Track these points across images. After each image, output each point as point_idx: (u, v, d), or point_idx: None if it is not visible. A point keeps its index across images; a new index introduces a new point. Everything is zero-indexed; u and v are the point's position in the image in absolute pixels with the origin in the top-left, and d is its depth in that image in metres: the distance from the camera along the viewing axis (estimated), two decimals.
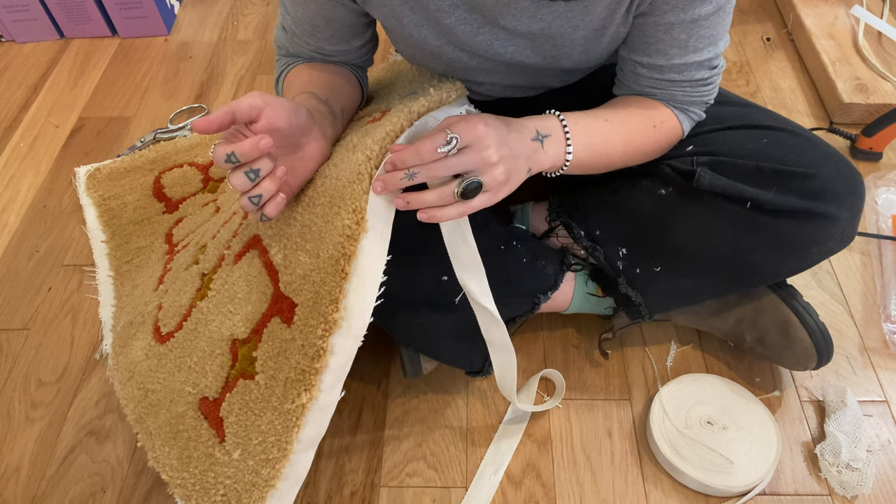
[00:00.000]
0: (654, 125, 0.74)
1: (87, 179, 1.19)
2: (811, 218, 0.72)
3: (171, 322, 0.83)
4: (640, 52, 0.71)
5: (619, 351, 0.94)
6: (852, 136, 1.16)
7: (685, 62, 0.70)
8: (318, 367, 0.63)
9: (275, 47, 0.85)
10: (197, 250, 0.90)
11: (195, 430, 0.73)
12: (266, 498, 0.66)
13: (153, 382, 0.80)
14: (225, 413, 0.71)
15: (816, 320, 0.82)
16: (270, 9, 1.61)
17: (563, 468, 0.83)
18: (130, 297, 0.97)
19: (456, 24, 0.70)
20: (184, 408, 0.75)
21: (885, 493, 0.80)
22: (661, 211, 0.79)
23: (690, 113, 0.76)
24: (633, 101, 0.75)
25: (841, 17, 1.36)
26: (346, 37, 0.79)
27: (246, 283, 0.75)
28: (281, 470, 0.66)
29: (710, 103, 0.76)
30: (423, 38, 0.74)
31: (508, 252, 0.82)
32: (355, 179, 0.63)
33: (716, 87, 0.75)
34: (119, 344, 0.90)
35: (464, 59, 0.76)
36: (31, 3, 1.47)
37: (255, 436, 0.68)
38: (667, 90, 0.73)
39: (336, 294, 0.62)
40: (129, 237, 1.09)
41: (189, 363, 0.77)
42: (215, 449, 0.71)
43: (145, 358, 0.83)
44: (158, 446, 0.76)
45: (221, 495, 0.69)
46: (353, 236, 0.62)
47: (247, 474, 0.68)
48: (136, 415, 0.81)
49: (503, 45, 0.72)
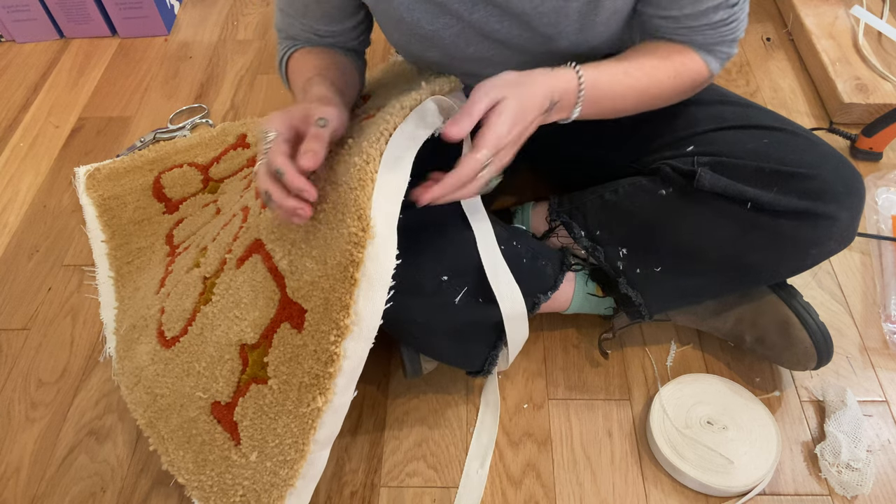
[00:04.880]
0: (676, 71, 0.74)
1: (87, 179, 1.19)
2: (811, 218, 0.72)
3: (175, 326, 0.83)
4: (653, 6, 0.71)
5: (619, 351, 0.94)
6: (852, 136, 1.16)
7: (700, 9, 0.69)
8: (331, 372, 0.64)
9: (276, 31, 0.86)
10: (198, 253, 0.90)
11: (209, 433, 0.74)
12: (285, 497, 0.67)
13: (161, 387, 0.81)
14: (239, 417, 0.72)
15: (816, 320, 0.82)
16: (270, 9, 1.61)
17: (563, 468, 0.83)
18: (132, 300, 0.98)
19: (450, 2, 0.71)
20: (196, 412, 0.76)
21: (885, 493, 0.80)
22: (661, 211, 0.79)
23: (718, 52, 0.75)
24: (658, 48, 0.74)
25: (841, 17, 1.36)
26: (338, 17, 0.80)
27: (251, 289, 0.75)
28: (299, 470, 0.67)
29: (738, 38, 0.75)
30: (415, 21, 0.73)
31: (508, 252, 0.82)
32: (357, 185, 0.63)
33: (741, 21, 0.73)
34: (123, 348, 0.90)
35: (460, 45, 0.76)
36: (31, 3, 1.47)
37: (272, 438, 0.69)
38: (687, 36, 0.73)
39: (346, 300, 0.63)
40: (129, 237, 1.09)
41: (198, 368, 0.77)
42: (231, 452, 0.72)
43: (151, 363, 0.83)
44: (172, 450, 0.77)
45: (241, 496, 0.70)
46: (360, 243, 0.62)
47: (265, 475, 0.68)
48: (146, 419, 0.81)
49: (498, 21, 0.72)
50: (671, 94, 0.76)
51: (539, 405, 0.89)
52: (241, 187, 1.07)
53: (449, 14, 0.73)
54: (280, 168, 0.62)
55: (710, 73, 0.76)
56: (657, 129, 0.83)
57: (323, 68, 0.79)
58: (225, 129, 1.27)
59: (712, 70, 0.76)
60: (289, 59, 0.84)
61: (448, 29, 0.74)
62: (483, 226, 0.76)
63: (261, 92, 1.38)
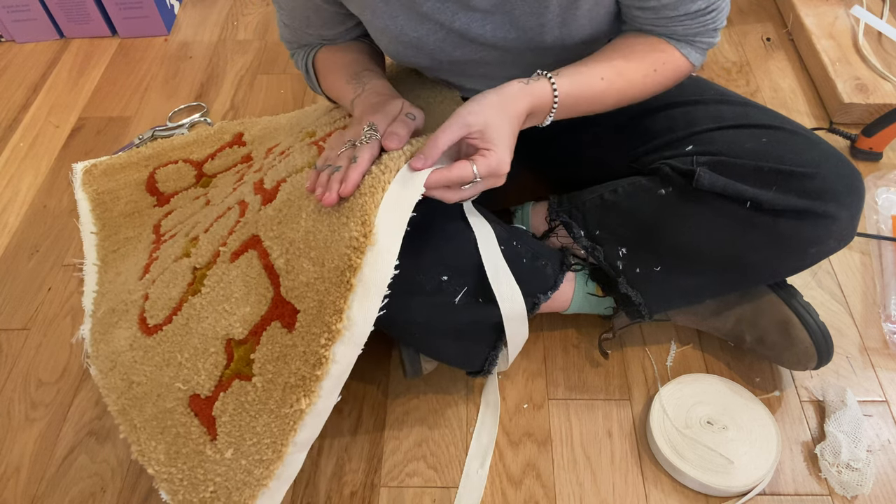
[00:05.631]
0: (654, 69, 0.74)
1: (83, 175, 1.19)
2: (811, 217, 0.72)
3: (159, 314, 0.82)
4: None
5: (619, 351, 0.94)
6: (852, 136, 1.16)
7: (676, 0, 0.69)
8: (318, 375, 0.63)
9: (284, 43, 0.89)
10: (188, 242, 0.89)
11: (184, 426, 0.73)
12: (257, 496, 0.66)
13: (138, 374, 0.80)
14: (218, 412, 0.71)
15: (817, 320, 0.82)
16: (270, 9, 1.61)
17: (563, 468, 0.83)
18: (113, 284, 0.97)
19: (431, 12, 0.72)
20: (172, 403, 0.75)
21: (885, 493, 0.80)
22: (660, 211, 0.79)
23: (698, 43, 0.75)
24: (635, 44, 0.74)
25: (841, 17, 1.36)
26: (339, 21, 0.83)
27: (244, 284, 0.74)
28: (274, 471, 0.66)
29: (719, 28, 0.74)
30: (399, 29, 0.75)
31: (508, 252, 0.82)
32: (367, 192, 0.63)
33: (720, 10, 0.73)
34: (99, 331, 0.89)
35: (446, 49, 0.76)
36: (31, 3, 1.47)
37: (250, 437, 0.68)
38: (666, 27, 0.73)
39: (340, 305, 0.63)
40: (118, 228, 1.09)
41: (179, 359, 0.77)
42: (206, 446, 0.71)
43: (130, 349, 0.82)
44: (144, 440, 0.76)
45: (211, 492, 0.69)
46: (359, 248, 0.62)
47: (239, 473, 0.68)
48: (118, 406, 0.80)
49: (480, 25, 0.73)
50: (651, 91, 0.76)
51: (539, 405, 0.89)
52: (234, 181, 1.07)
53: (431, 21, 0.74)
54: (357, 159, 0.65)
55: (692, 66, 0.76)
56: (656, 129, 0.83)
57: (357, 61, 0.83)
58: (222, 127, 1.27)
59: (693, 62, 0.76)
60: (314, 62, 0.87)
61: (432, 35, 0.75)
62: (483, 226, 0.77)
63: (260, 92, 1.39)
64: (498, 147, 0.64)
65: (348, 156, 0.67)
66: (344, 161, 0.67)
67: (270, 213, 0.76)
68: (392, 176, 0.64)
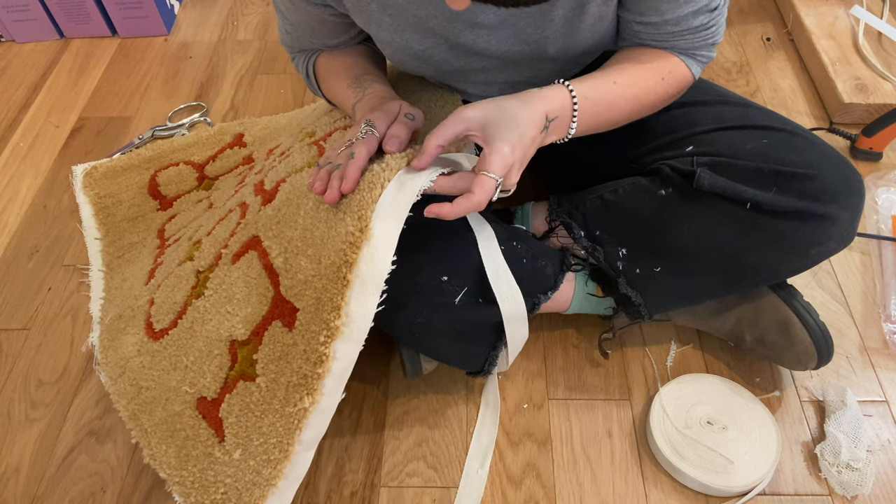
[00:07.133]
0: (662, 77, 0.74)
1: (84, 178, 1.19)
2: (811, 218, 0.72)
3: (164, 319, 0.83)
4: (633, 12, 0.71)
5: (619, 351, 0.94)
6: (852, 136, 1.16)
7: (679, 15, 0.69)
8: (320, 372, 0.63)
9: (284, 48, 0.89)
10: (191, 246, 0.89)
11: (193, 429, 0.74)
12: (267, 496, 0.67)
13: (146, 380, 0.80)
14: (224, 414, 0.72)
15: (817, 320, 0.82)
16: (270, 9, 1.61)
17: (563, 468, 0.83)
18: (119, 290, 0.97)
19: (438, 28, 0.73)
20: (181, 407, 0.75)
21: (885, 493, 0.80)
22: (661, 211, 0.79)
23: (699, 57, 0.76)
24: (640, 55, 0.74)
25: (841, 17, 1.36)
26: (343, 31, 0.83)
27: (245, 285, 0.75)
28: (282, 470, 0.66)
29: (717, 43, 0.75)
30: (405, 43, 0.75)
31: (508, 252, 0.82)
32: (366, 188, 0.64)
33: (720, 26, 0.74)
34: (108, 337, 0.89)
35: (450, 60, 0.77)
36: (31, 3, 1.47)
37: (257, 437, 0.68)
38: (668, 41, 0.73)
39: (338, 301, 0.63)
40: (122, 234, 1.09)
41: (185, 362, 0.77)
42: (215, 448, 0.71)
43: (137, 354, 0.83)
44: (155, 444, 0.76)
45: (222, 493, 0.69)
46: (355, 244, 0.62)
47: (248, 474, 0.68)
48: (129, 411, 0.80)
49: (486, 39, 0.73)
50: (661, 100, 0.76)
51: (539, 405, 0.89)
52: (235, 183, 1.07)
53: (437, 35, 0.74)
54: (354, 155, 0.66)
55: (693, 77, 0.77)
56: (657, 130, 0.83)
57: (358, 65, 0.83)
58: (223, 128, 1.27)
59: (694, 74, 0.77)
60: (315, 66, 0.87)
61: (437, 48, 0.76)
62: (483, 226, 0.77)
63: (260, 92, 1.39)
64: (499, 143, 0.63)
65: (347, 154, 0.67)
66: (343, 159, 0.67)
67: (270, 212, 0.76)
68: (392, 174, 0.64)
